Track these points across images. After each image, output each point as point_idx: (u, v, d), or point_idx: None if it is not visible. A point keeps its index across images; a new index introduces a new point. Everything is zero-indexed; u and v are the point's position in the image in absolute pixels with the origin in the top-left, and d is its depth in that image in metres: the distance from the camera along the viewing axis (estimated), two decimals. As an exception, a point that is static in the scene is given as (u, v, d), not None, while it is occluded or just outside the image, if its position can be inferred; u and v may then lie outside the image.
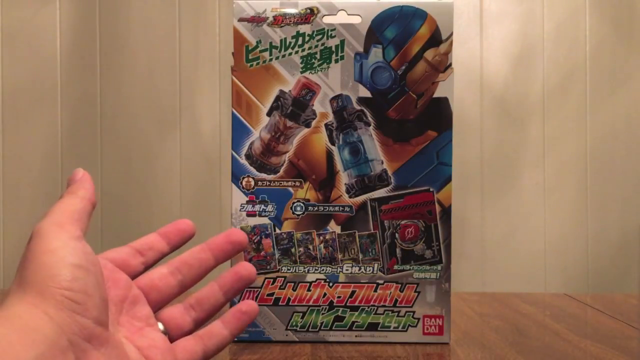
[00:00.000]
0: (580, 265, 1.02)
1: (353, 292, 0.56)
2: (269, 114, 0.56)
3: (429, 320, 0.55)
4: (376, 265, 0.56)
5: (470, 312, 0.69)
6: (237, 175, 0.56)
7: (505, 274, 1.02)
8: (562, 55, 1.02)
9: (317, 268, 0.56)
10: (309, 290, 0.56)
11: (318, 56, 0.55)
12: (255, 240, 0.55)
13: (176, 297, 0.41)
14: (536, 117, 1.02)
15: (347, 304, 0.56)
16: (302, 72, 0.55)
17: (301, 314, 0.56)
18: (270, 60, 0.55)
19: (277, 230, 0.56)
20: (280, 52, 0.55)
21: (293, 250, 0.56)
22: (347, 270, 0.56)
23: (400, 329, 0.56)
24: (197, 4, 1.02)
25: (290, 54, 0.55)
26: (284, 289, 0.56)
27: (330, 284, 0.56)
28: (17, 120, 1.03)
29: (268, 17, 0.55)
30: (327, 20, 0.55)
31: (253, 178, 0.56)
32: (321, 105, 0.55)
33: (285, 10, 0.55)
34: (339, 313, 0.56)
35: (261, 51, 0.55)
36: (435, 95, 0.55)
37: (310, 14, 0.55)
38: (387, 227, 0.56)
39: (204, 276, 0.42)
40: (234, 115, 0.56)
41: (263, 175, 0.56)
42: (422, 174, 0.55)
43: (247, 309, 0.41)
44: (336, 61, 0.55)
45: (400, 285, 0.56)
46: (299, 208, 0.56)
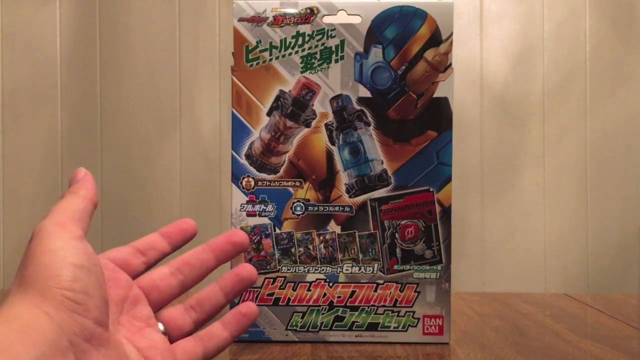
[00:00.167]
0: (580, 265, 1.02)
1: (353, 292, 0.56)
2: (269, 114, 0.56)
3: (429, 320, 0.55)
4: (376, 265, 0.56)
5: (470, 312, 0.69)
6: (237, 175, 0.56)
7: (505, 274, 1.02)
8: (562, 55, 1.02)
9: (317, 268, 0.56)
10: (309, 290, 0.56)
11: (318, 56, 0.55)
12: (255, 240, 0.55)
13: (177, 298, 0.41)
14: (536, 117, 1.02)
15: (347, 304, 0.56)
16: (302, 72, 0.55)
17: (301, 314, 0.56)
18: (270, 60, 0.55)
19: (277, 230, 0.56)
20: (280, 52, 0.55)
21: (293, 250, 0.56)
22: (347, 270, 0.56)
23: (400, 329, 0.56)
24: (197, 4, 1.02)
25: (290, 54, 0.55)
26: (284, 289, 0.56)
27: (330, 284, 0.56)
28: (17, 120, 1.03)
29: (268, 17, 0.55)
30: (327, 20, 0.55)
31: (253, 178, 0.56)
32: (321, 105, 0.55)
33: (285, 10, 0.55)
34: (339, 313, 0.56)
35: (261, 51, 0.55)
36: (435, 95, 0.55)
37: (310, 14, 0.55)
38: (387, 227, 0.56)
39: (205, 277, 0.42)
40: (234, 115, 0.56)
41: (263, 175, 0.56)
42: (422, 174, 0.55)
43: (247, 311, 0.41)
44: (336, 61, 0.55)
45: (400, 285, 0.56)
46: (299, 208, 0.56)
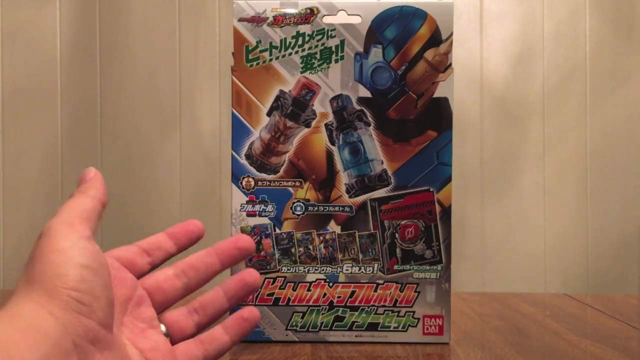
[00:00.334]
0: (580, 265, 1.02)
1: (353, 292, 0.56)
2: (269, 114, 0.56)
3: (429, 320, 0.55)
4: (376, 265, 0.56)
5: (470, 312, 0.69)
6: (237, 175, 0.56)
7: (505, 274, 1.02)
8: (562, 55, 1.02)
9: (317, 268, 0.56)
10: (309, 290, 0.56)
11: (318, 56, 0.55)
12: (255, 240, 0.55)
13: (180, 300, 0.41)
14: (536, 117, 1.02)
15: (347, 304, 0.56)
16: (302, 72, 0.55)
17: (301, 314, 0.56)
18: (270, 60, 0.55)
19: (277, 230, 0.56)
20: (280, 52, 0.55)
21: (293, 250, 0.56)
22: (347, 270, 0.56)
23: (400, 329, 0.56)
24: (197, 4, 1.02)
25: (290, 54, 0.55)
26: (284, 289, 0.56)
27: (330, 284, 0.56)
28: (17, 121, 1.03)
29: (268, 17, 0.55)
30: (327, 20, 0.55)
31: (253, 178, 0.56)
32: (321, 105, 0.55)
33: (285, 10, 0.55)
34: (339, 313, 0.56)
35: (261, 51, 0.55)
36: (435, 95, 0.55)
37: (310, 14, 0.55)
38: (387, 227, 0.56)
39: (209, 280, 0.42)
40: (234, 115, 0.56)
41: (263, 175, 0.56)
42: (422, 174, 0.55)
43: (248, 315, 0.41)
44: (336, 61, 0.55)
45: (400, 285, 0.56)
46: (299, 208, 0.56)
